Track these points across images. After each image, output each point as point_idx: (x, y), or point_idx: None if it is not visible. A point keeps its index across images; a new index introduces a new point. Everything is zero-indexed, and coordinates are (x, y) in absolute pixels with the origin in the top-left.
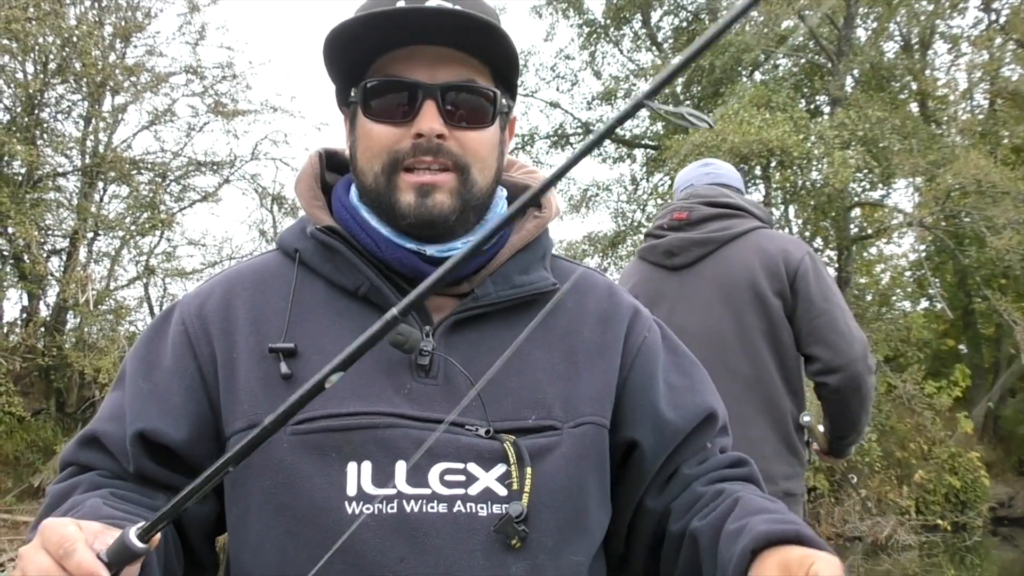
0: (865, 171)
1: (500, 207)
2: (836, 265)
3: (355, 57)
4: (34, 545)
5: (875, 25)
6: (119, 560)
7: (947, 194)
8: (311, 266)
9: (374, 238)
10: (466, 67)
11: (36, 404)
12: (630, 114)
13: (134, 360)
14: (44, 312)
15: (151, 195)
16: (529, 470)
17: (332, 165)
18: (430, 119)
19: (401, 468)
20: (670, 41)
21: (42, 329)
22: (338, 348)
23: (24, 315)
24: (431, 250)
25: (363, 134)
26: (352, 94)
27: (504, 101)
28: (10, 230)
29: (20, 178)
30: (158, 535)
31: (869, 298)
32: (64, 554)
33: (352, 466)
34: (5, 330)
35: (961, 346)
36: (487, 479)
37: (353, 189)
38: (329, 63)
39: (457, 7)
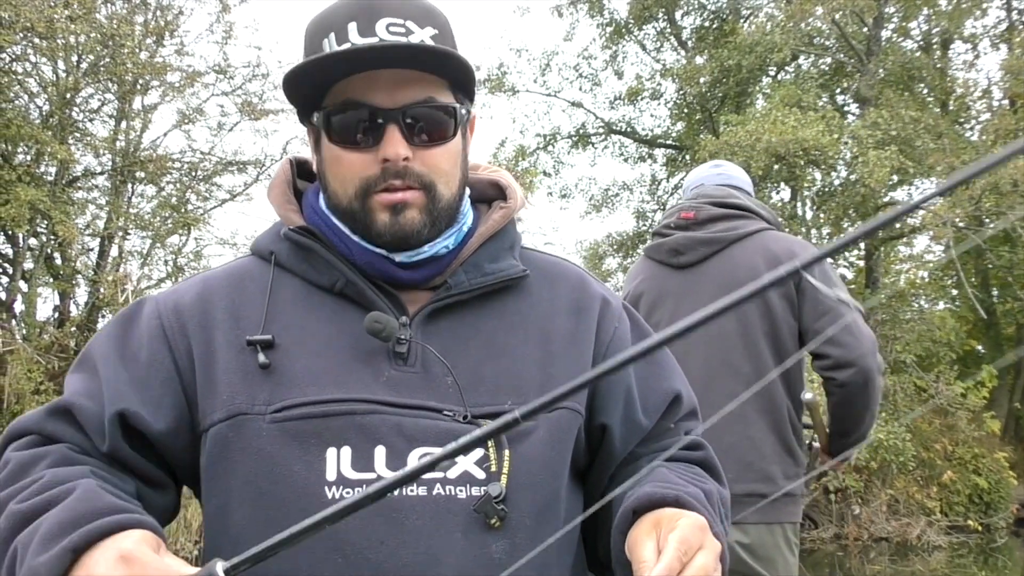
0: (899, 171)
1: (466, 205)
2: (861, 264)
3: (312, 86)
4: None
5: (896, 23)
6: None
7: (981, 194)
8: (286, 266)
9: (347, 243)
10: (424, 84)
11: None
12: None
13: (104, 347)
14: (74, 311)
15: (180, 195)
16: (507, 453)
17: (302, 173)
18: (395, 144)
19: (381, 453)
20: (693, 39)
21: (74, 328)
22: (316, 340)
23: (56, 314)
24: (399, 257)
25: (331, 159)
26: (314, 118)
27: (463, 111)
28: (40, 229)
29: (51, 178)
30: None
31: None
32: None
33: (332, 452)
34: (39, 330)
35: (980, 347)
36: (465, 462)
37: (323, 197)
38: (288, 95)
39: (407, 40)
